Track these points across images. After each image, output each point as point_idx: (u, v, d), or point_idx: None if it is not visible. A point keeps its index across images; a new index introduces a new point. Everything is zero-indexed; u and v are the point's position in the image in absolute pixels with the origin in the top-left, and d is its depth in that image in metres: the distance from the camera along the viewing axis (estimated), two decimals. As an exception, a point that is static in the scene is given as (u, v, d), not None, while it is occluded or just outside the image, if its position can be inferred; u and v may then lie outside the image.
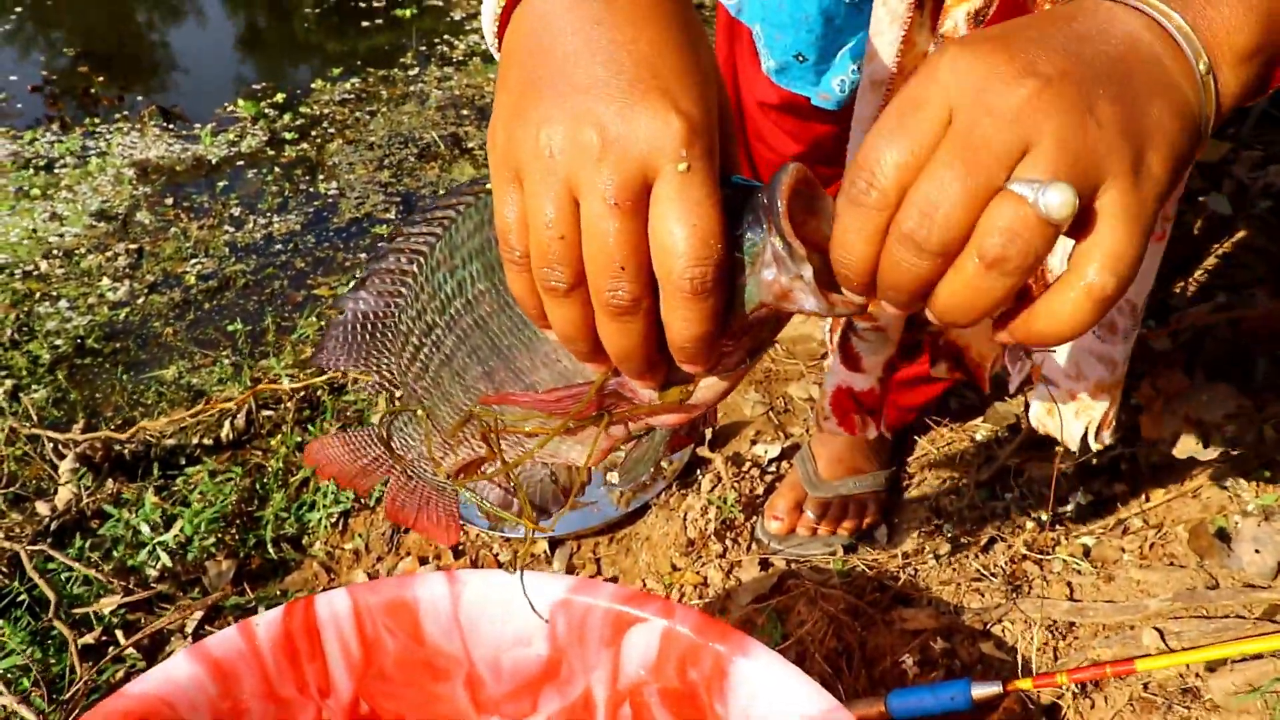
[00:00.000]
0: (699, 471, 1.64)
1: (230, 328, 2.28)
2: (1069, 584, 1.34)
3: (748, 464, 1.65)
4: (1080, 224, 0.45)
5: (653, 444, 0.67)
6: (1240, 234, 1.77)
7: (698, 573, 1.48)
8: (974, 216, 0.44)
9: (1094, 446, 1.08)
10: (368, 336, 0.73)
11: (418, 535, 1.65)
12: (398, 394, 0.76)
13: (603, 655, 0.98)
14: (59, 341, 2.24)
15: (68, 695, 1.40)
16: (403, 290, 0.70)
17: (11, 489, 1.80)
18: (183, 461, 1.91)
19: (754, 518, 1.55)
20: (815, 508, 1.50)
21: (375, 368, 0.74)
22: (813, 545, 1.49)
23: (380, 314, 0.71)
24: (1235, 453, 1.31)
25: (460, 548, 1.62)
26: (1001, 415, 1.65)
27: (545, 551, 1.58)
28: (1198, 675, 1.19)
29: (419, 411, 0.74)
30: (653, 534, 1.56)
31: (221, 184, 2.85)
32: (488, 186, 0.61)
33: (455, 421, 0.70)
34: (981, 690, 1.14)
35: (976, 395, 1.69)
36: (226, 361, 2.17)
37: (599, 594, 0.97)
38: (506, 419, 0.63)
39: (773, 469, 1.65)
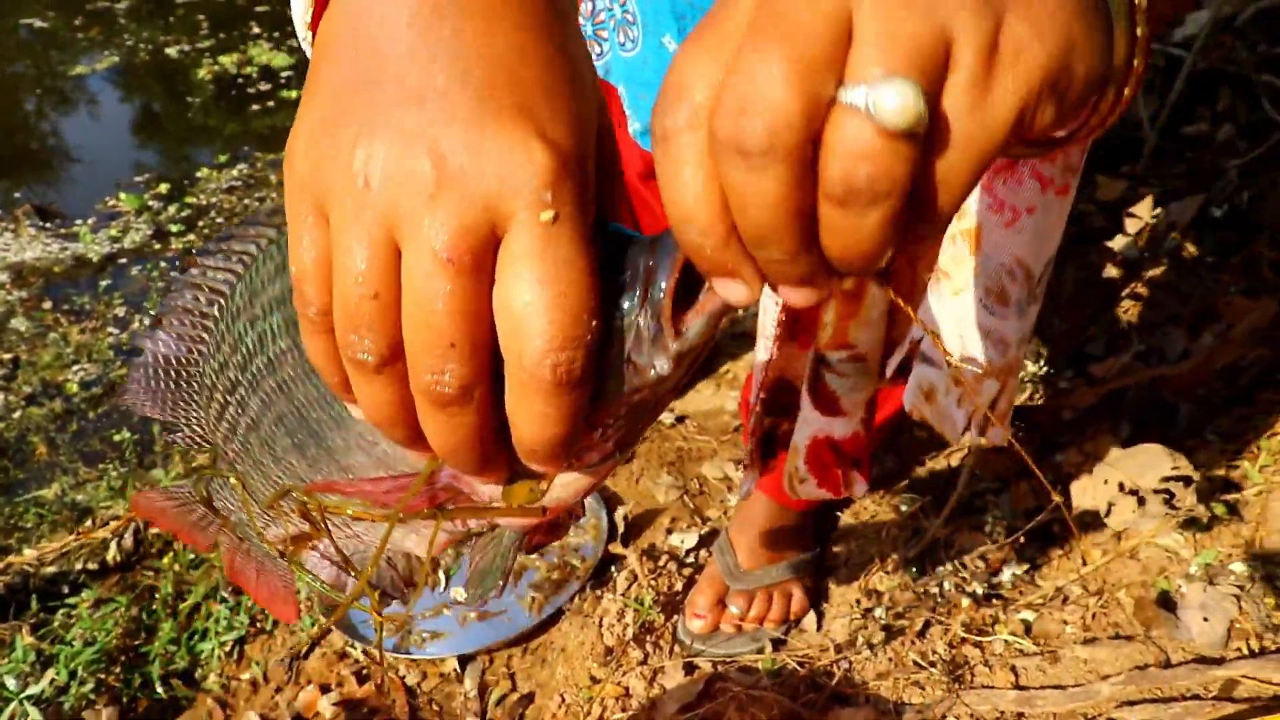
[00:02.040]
0: (613, 569, 1.54)
1: (117, 437, 2.14)
2: (1013, 667, 1.26)
3: (664, 557, 1.55)
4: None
5: (500, 549, 0.55)
6: (1149, 272, 1.73)
7: (618, 683, 1.37)
8: (804, 112, 0.32)
9: (978, 441, 0.91)
10: (171, 384, 0.60)
11: (319, 664, 1.52)
12: (208, 451, 0.64)
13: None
14: (-76, 468, 2.09)
15: None
16: (204, 335, 0.58)
17: None
18: (65, 590, 1.77)
19: (675, 617, 1.45)
20: (739, 601, 1.41)
21: (184, 420, 0.62)
22: (739, 643, 1.39)
23: (181, 359, 0.59)
24: (1170, 512, 1.24)
25: (364, 671, 1.50)
26: (925, 483, 1.57)
27: (455, 670, 1.46)
28: (1157, 766, 1.11)
29: (231, 479, 0.61)
30: (568, 643, 1.44)
31: (104, 283, 2.70)
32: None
33: (270, 495, 0.58)
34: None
35: (896, 462, 1.62)
36: (114, 474, 2.03)
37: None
38: (329, 501, 0.51)
39: (691, 560, 1.55)
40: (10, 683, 1.50)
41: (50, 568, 1.81)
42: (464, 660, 1.47)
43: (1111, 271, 1.69)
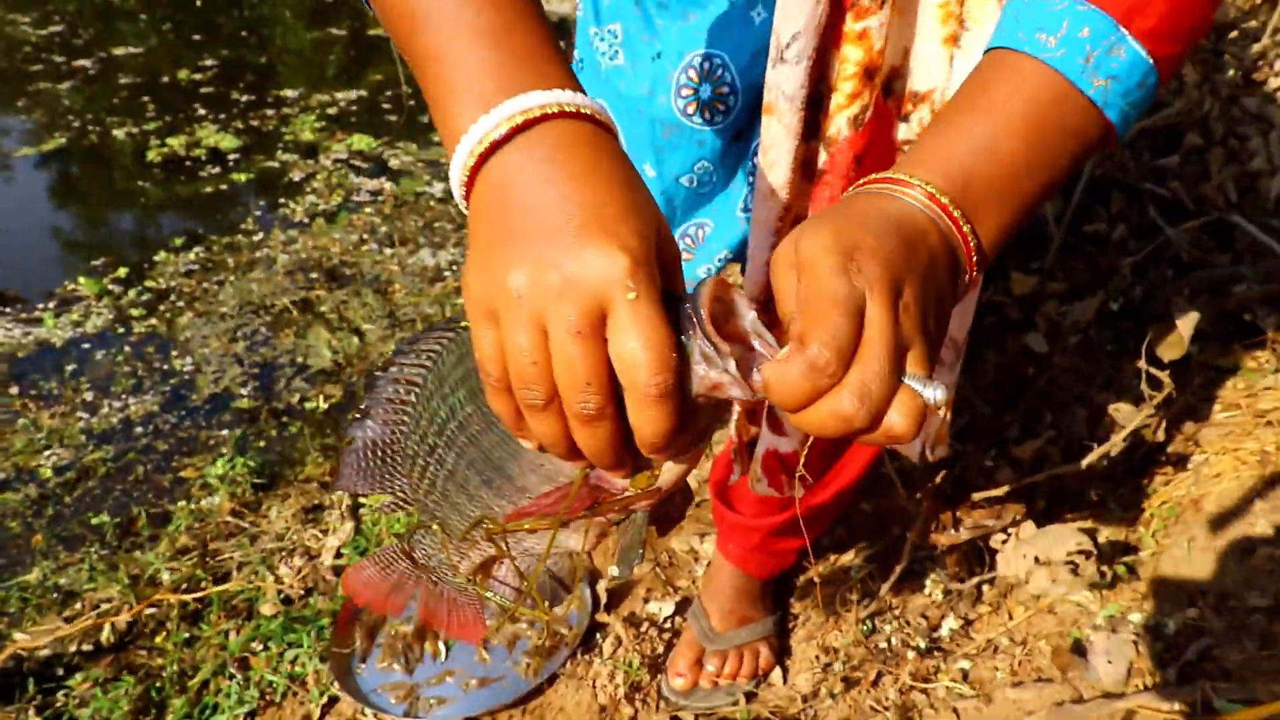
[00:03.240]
0: (598, 636, 1.72)
1: (95, 521, 2.20)
2: (955, 709, 1.47)
3: (645, 624, 1.73)
4: None
5: (635, 527, 0.74)
6: (1057, 358, 1.97)
7: (612, 738, 1.54)
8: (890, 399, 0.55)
9: (929, 457, 1.24)
10: (379, 462, 0.80)
11: (328, 729, 1.66)
12: (411, 510, 0.85)
13: None
14: (-98, 562, 2.09)
15: None
16: (404, 418, 0.78)
17: None
18: (60, 672, 1.83)
19: (658, 676, 1.63)
20: (714, 660, 1.60)
21: (390, 489, 0.82)
22: (716, 696, 1.59)
23: (387, 440, 0.80)
24: (1078, 576, 1.47)
25: (372, 737, 1.64)
26: (873, 552, 1.78)
27: (459, 732, 1.62)
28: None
29: (434, 526, 0.82)
30: (565, 704, 1.62)
31: (70, 368, 2.76)
32: (461, 324, 0.74)
33: (465, 527, 0.79)
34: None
35: (847, 533, 1.83)
36: (96, 556, 2.08)
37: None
38: (510, 525, 0.73)
39: (668, 625, 1.74)
40: (39, 763, 1.59)
41: (45, 650, 1.88)
42: (467, 723, 1.62)
43: (1025, 359, 1.94)
